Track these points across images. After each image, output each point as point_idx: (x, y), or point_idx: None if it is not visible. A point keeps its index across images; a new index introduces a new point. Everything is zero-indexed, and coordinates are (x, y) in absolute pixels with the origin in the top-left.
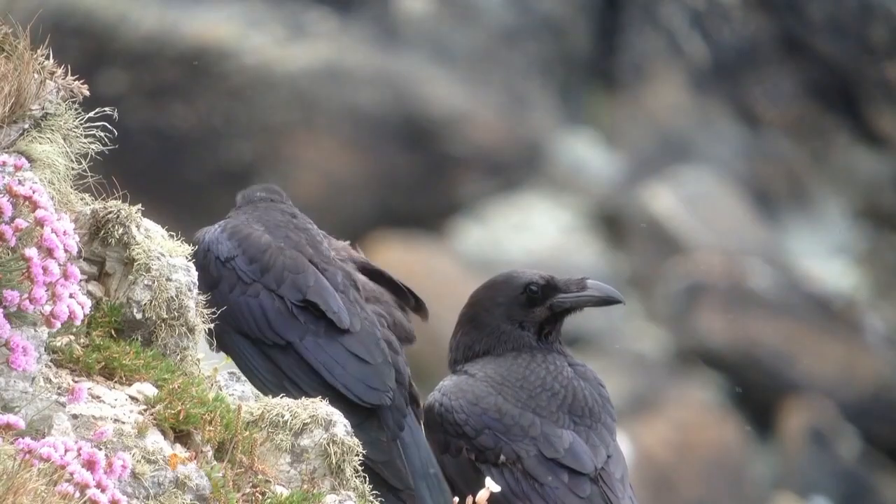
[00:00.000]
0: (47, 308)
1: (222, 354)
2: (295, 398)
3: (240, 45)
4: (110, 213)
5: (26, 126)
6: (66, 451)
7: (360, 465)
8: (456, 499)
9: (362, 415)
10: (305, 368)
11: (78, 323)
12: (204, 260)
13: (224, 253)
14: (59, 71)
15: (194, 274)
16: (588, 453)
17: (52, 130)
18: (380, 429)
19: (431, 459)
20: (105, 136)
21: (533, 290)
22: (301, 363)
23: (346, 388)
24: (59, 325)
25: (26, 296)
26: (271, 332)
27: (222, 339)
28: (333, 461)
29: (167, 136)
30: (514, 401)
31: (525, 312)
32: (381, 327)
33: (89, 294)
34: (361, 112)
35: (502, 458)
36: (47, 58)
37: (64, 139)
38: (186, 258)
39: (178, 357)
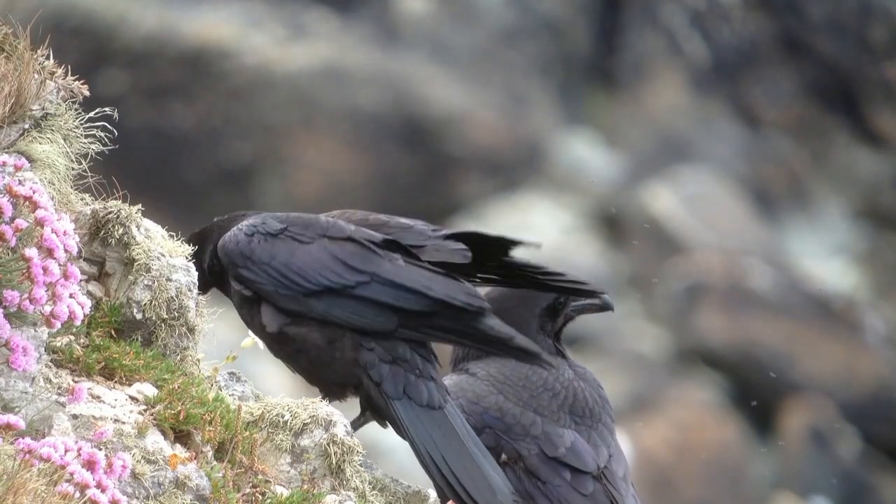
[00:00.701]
0: (47, 308)
1: (222, 355)
2: (406, 324)
3: (240, 45)
4: (110, 213)
5: (26, 126)
6: (66, 451)
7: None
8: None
9: (471, 315)
10: (402, 292)
11: (78, 323)
12: (250, 245)
13: (274, 228)
14: (59, 71)
15: (194, 274)
16: (590, 452)
17: (53, 130)
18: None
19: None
20: (105, 136)
21: (561, 301)
22: (396, 289)
23: (450, 297)
24: (59, 325)
25: (26, 296)
26: (352, 273)
27: (298, 311)
28: (333, 461)
29: (167, 136)
30: (516, 400)
31: (551, 322)
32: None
33: (89, 294)
34: (361, 112)
35: (504, 457)
36: (47, 58)
37: (64, 139)
38: (186, 258)
39: (178, 357)
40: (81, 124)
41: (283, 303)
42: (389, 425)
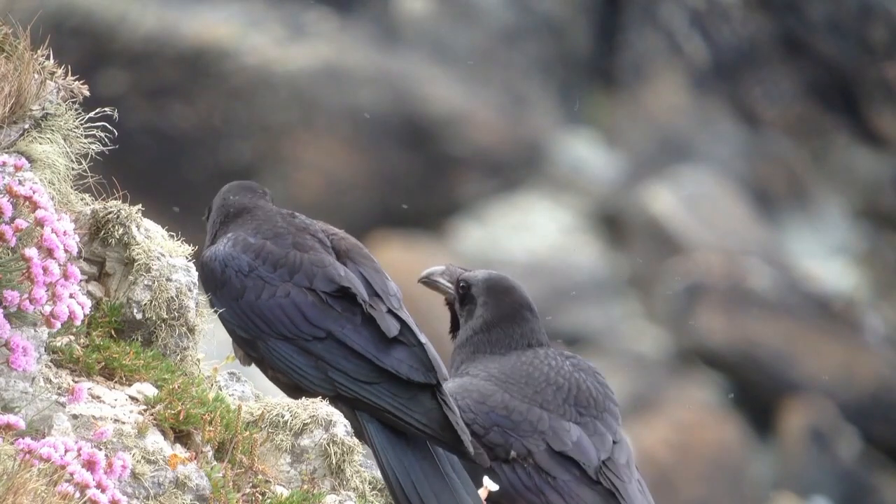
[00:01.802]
0: (47, 308)
1: (222, 355)
2: (344, 392)
3: (240, 45)
4: (110, 213)
5: (26, 126)
6: (66, 451)
7: (425, 433)
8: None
9: (414, 389)
10: (349, 355)
11: (78, 323)
12: (222, 276)
13: (245, 266)
14: (59, 71)
15: (194, 274)
16: (593, 447)
17: (53, 130)
18: (432, 398)
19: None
20: (105, 136)
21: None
22: (345, 350)
23: (395, 369)
24: (59, 325)
25: (26, 296)
26: (309, 326)
27: (256, 347)
28: (333, 461)
29: (167, 136)
30: (521, 397)
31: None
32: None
33: (89, 294)
34: (361, 112)
35: (513, 454)
36: (47, 58)
37: (64, 139)
38: (186, 258)
39: (178, 357)
40: (81, 124)
41: (240, 343)
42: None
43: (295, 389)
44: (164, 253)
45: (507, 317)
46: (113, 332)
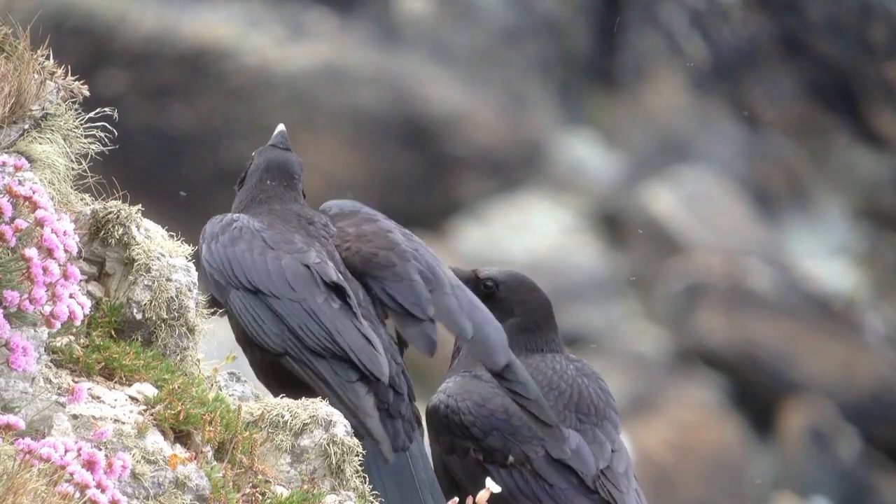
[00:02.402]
0: (47, 308)
1: (222, 355)
2: (293, 353)
3: (240, 45)
4: (110, 213)
5: (26, 126)
6: (66, 451)
7: (360, 463)
8: (455, 499)
9: (357, 376)
10: (314, 324)
11: (78, 323)
12: (228, 226)
13: (252, 226)
14: (59, 71)
15: (194, 274)
16: (592, 456)
17: (52, 131)
18: (370, 392)
19: (432, 474)
20: (105, 136)
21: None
22: (311, 318)
23: (353, 351)
24: (59, 325)
25: (26, 296)
26: (286, 288)
27: (225, 294)
28: (333, 461)
29: (167, 136)
30: None
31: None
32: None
33: (89, 294)
34: (361, 112)
35: (511, 459)
36: (47, 58)
37: (64, 139)
38: (186, 258)
39: (178, 357)
40: (81, 124)
41: (212, 288)
42: None
43: (246, 343)
44: (164, 253)
45: (543, 318)
46: (113, 333)
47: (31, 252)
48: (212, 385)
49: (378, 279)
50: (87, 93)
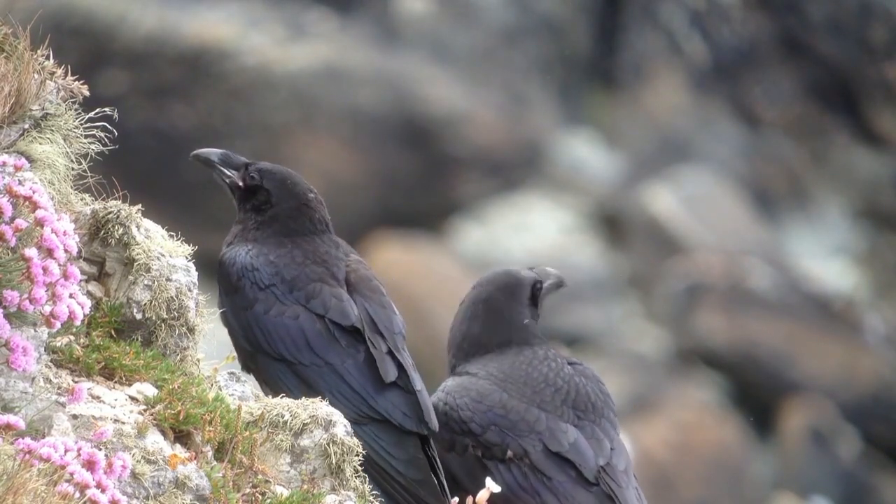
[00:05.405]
0: (47, 308)
1: (222, 355)
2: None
3: (240, 45)
4: (110, 213)
5: (26, 126)
6: (66, 451)
7: (400, 483)
8: (456, 499)
9: (401, 434)
10: (346, 389)
11: (78, 323)
12: (237, 283)
13: (262, 280)
14: (59, 71)
15: (194, 274)
16: (591, 449)
17: (52, 131)
18: (416, 447)
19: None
20: (105, 136)
21: (539, 288)
22: (342, 384)
23: (388, 412)
24: (59, 325)
25: (26, 296)
26: (310, 354)
27: (255, 360)
28: (333, 461)
29: (167, 136)
30: (519, 396)
31: (535, 308)
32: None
33: (89, 294)
34: (361, 112)
35: (509, 453)
36: (47, 58)
37: (64, 139)
38: (186, 258)
39: (178, 357)
40: (81, 124)
41: (240, 353)
42: None
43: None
44: (164, 253)
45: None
46: (113, 332)
47: (31, 252)
48: (212, 385)
49: (367, 299)
50: (87, 93)
